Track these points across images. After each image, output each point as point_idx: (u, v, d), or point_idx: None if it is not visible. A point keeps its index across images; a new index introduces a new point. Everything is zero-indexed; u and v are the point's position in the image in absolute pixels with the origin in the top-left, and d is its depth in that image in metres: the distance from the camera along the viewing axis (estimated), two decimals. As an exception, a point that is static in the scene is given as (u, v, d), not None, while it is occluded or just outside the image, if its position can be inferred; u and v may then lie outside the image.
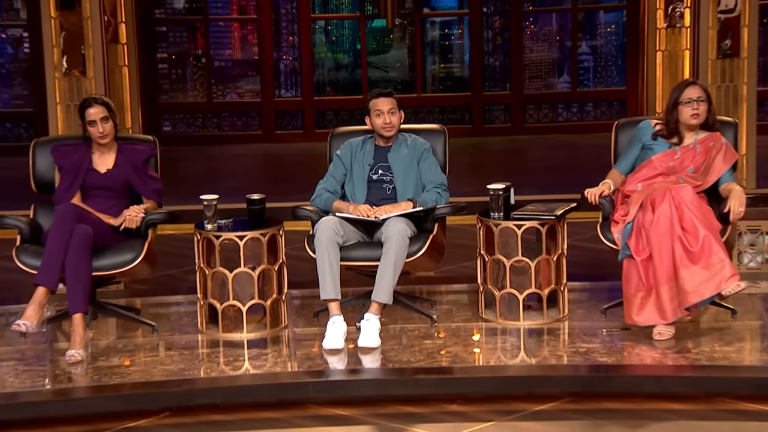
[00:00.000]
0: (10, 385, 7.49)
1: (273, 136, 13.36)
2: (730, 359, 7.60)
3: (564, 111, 13.70)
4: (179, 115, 13.47)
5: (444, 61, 14.01)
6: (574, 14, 13.87)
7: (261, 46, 13.80)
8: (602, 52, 14.01)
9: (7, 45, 14.19)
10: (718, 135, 8.21)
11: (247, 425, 7.19)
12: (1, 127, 13.31)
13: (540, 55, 14.07)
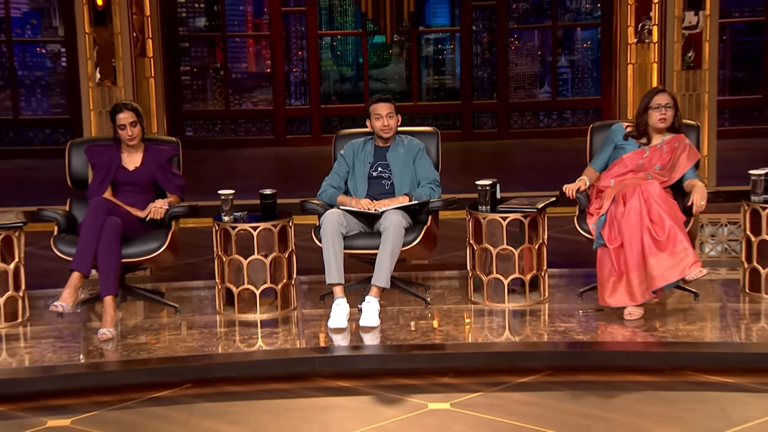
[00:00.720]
0: (49, 360, 7.55)
1: (284, 140, 13.36)
2: (692, 337, 7.63)
3: (545, 118, 13.70)
4: (200, 122, 13.47)
5: (437, 74, 14.00)
6: (554, 31, 13.86)
7: (273, 59, 13.78)
8: (579, 65, 14.00)
9: (46, 59, 14.19)
10: (682, 137, 8.24)
11: (260, 396, 7.20)
12: (41, 133, 13.30)
13: (523, 68, 14.06)
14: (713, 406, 6.79)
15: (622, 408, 6.83)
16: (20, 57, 14.01)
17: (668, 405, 6.87)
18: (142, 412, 6.97)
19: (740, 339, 7.64)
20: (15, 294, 8.12)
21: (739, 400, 6.85)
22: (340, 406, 7.09)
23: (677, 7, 11.18)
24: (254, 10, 14.06)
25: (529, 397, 7.01)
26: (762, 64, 13.68)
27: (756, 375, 7.15)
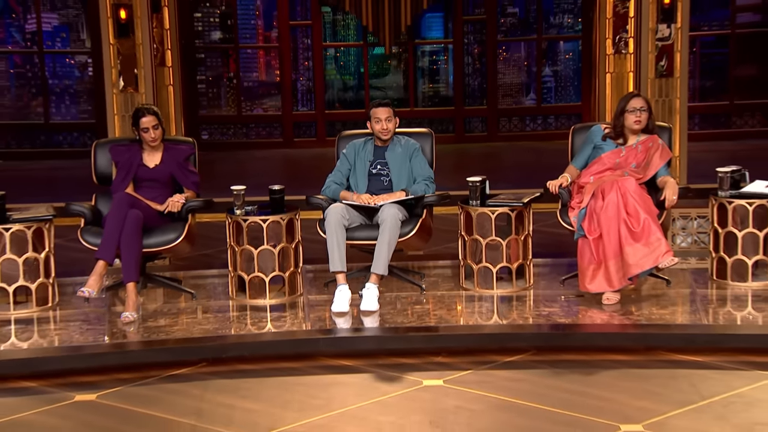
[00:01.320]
0: (76, 341, 7.59)
1: (291, 143, 13.36)
2: (665, 319, 7.63)
3: (531, 122, 13.70)
4: (215, 126, 13.48)
5: (432, 82, 14.00)
6: (539, 43, 13.85)
7: (282, 69, 13.78)
8: (562, 75, 14.00)
9: (74, 69, 14.21)
10: (656, 137, 8.26)
11: (269, 373, 7.21)
12: (69, 136, 13.33)
13: (511, 77, 14.06)
14: (684, 381, 6.80)
15: (600, 384, 6.83)
16: (51, 67, 14.02)
17: (642, 381, 6.88)
18: (161, 388, 6.98)
19: (708, 321, 7.65)
20: (45, 281, 8.13)
21: (707, 377, 6.86)
22: (342, 383, 7.09)
23: (651, 20, 11.18)
24: (264, 23, 14.05)
25: (516, 374, 7.02)
26: (728, 73, 13.67)
27: (722, 354, 7.16)
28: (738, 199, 8.10)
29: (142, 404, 6.75)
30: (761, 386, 6.71)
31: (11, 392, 7.00)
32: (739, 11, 13.79)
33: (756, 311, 7.74)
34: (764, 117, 13.31)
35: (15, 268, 8.04)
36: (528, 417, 6.42)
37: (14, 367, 7.25)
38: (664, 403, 6.48)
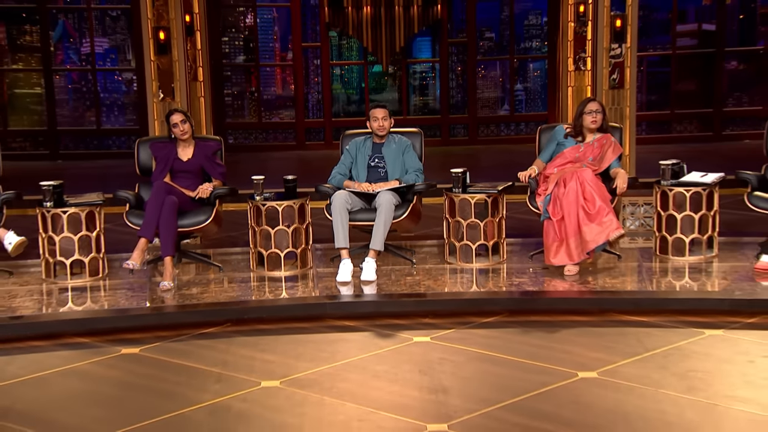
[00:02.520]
0: (122, 305, 7.61)
1: (303, 145, 13.36)
2: (616, 287, 7.66)
3: (505, 128, 13.70)
4: (239, 131, 13.49)
5: (422, 95, 14.01)
6: (511, 63, 13.85)
7: (295, 84, 13.78)
8: (531, 89, 14.01)
9: (122, 84, 14.23)
10: (609, 136, 8.28)
11: (283, 332, 7.22)
12: (118, 140, 13.38)
13: (488, 91, 14.09)
14: (631, 337, 6.81)
15: (562, 340, 6.84)
16: (102, 83, 14.02)
17: (597, 337, 6.89)
18: (193, 343, 7.00)
19: (652, 288, 7.70)
20: (97, 255, 8.15)
21: (650, 333, 6.87)
22: (345, 339, 7.10)
23: (605, 41, 11.20)
24: (281, 46, 14.07)
25: (491, 332, 7.04)
26: (670, 88, 13.69)
27: (664, 315, 7.19)
28: (677, 187, 8.13)
29: (177, 356, 6.77)
30: (695, 341, 6.74)
31: (69, 346, 7.05)
32: (679, 36, 13.81)
33: (692, 280, 7.75)
34: (700, 124, 13.34)
35: (71, 244, 8.06)
36: (501, 366, 6.43)
37: (72, 326, 7.29)
38: (614, 354, 6.50)
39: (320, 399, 6.05)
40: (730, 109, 13.49)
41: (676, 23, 13.78)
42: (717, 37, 13.56)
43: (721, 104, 13.43)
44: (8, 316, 7.34)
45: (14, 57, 13.94)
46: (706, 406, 5.77)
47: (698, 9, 13.87)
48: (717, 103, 13.42)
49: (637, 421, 5.63)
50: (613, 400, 5.88)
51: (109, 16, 14.10)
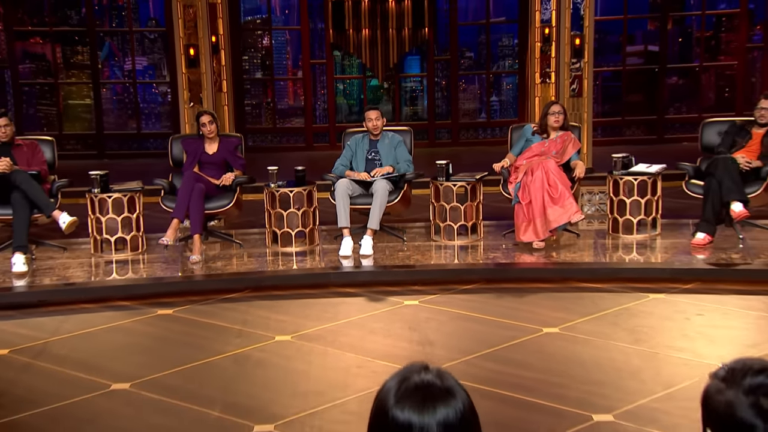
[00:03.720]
0: (158, 274, 7.69)
1: (311, 147, 13.33)
2: (575, 260, 7.67)
3: (482, 132, 13.67)
4: (257, 135, 13.45)
5: (412, 105, 13.96)
6: (488, 77, 13.85)
7: (305, 96, 13.74)
8: (504, 100, 14.00)
9: (158, 96, 14.19)
10: (569, 133, 8.28)
11: (294, 297, 7.24)
12: (155, 141, 13.34)
13: (468, 102, 14.04)
14: (587, 300, 6.84)
15: (529, 303, 6.87)
16: (141, 94, 14.01)
17: (559, 300, 6.92)
18: (218, 306, 7.02)
19: (605, 260, 7.71)
20: (137, 234, 8.13)
21: (604, 297, 6.90)
22: (346, 303, 7.13)
23: (566, 56, 11.21)
24: (293, 63, 14.03)
25: (470, 297, 7.05)
26: (621, 99, 13.73)
27: (615, 282, 7.20)
28: (627, 176, 8.13)
29: (204, 316, 6.80)
30: (641, 302, 6.77)
31: (114, 308, 7.08)
32: (628, 56, 13.83)
33: (638, 254, 7.75)
34: (646, 129, 13.35)
35: (115, 224, 8.05)
36: (478, 324, 6.46)
37: (116, 291, 7.32)
38: (573, 314, 6.52)
39: (324, 350, 6.08)
40: (671, 116, 13.51)
41: (626, 45, 13.76)
42: (660, 57, 13.56)
43: (663, 112, 13.45)
44: (63, 284, 7.36)
45: (68, 73, 13.93)
46: (649, 354, 5.81)
47: (645, 33, 13.91)
48: (660, 112, 13.43)
49: (592, 366, 5.66)
50: (572, 351, 5.92)
51: (148, 39, 14.08)
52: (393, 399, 1.58)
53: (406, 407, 1.56)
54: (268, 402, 5.28)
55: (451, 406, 1.57)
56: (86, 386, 5.51)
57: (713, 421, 1.45)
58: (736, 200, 7.59)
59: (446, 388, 1.59)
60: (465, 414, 1.58)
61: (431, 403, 1.56)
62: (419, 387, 1.59)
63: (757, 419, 1.40)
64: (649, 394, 5.16)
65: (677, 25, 13.95)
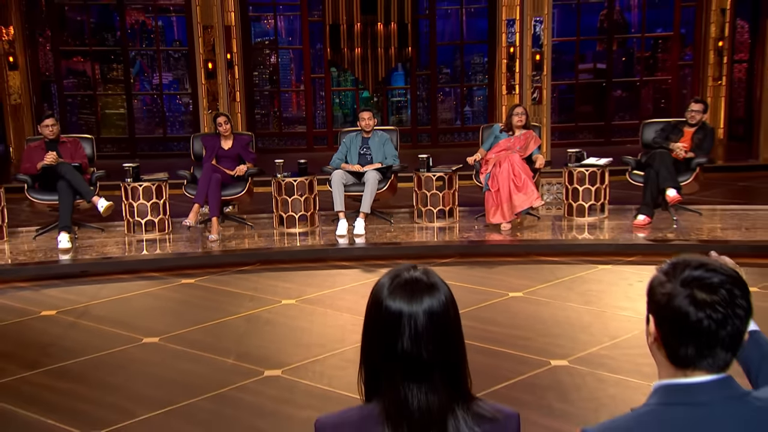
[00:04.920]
0: (182, 250, 7.63)
1: (312, 149, 13.25)
2: (536, 238, 7.67)
3: (457, 136, 13.63)
4: (266, 138, 13.35)
5: (398, 114, 13.90)
6: (462, 90, 13.84)
7: (306, 106, 13.70)
8: (476, 109, 13.98)
9: (181, 106, 14.10)
10: (531, 131, 8.26)
11: (298, 269, 7.23)
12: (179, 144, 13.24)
13: (446, 111, 14.01)
14: (547, 271, 6.85)
15: (498, 273, 6.87)
16: (167, 104, 13.94)
17: (522, 271, 6.92)
18: (233, 276, 7.00)
19: (562, 238, 7.70)
20: (163, 217, 8.08)
21: (561, 268, 6.91)
22: (342, 274, 7.12)
23: (528, 69, 11.25)
24: (296, 77, 13.96)
25: (447, 268, 7.04)
26: (574, 108, 13.74)
27: (569, 256, 7.22)
28: (579, 168, 8.15)
29: (221, 285, 6.79)
30: (591, 272, 6.79)
31: (145, 278, 7.06)
32: (580, 72, 13.84)
33: (589, 233, 7.77)
34: (595, 133, 13.36)
35: (145, 208, 8.02)
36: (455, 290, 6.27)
37: (146, 264, 7.30)
38: (535, 281, 6.54)
39: (324, 311, 6.08)
40: (616, 122, 13.51)
41: (578, 63, 13.79)
42: (607, 73, 13.59)
43: (609, 119, 13.47)
44: (101, 257, 7.34)
45: (105, 87, 13.86)
46: (597, 312, 5.84)
47: (594, 53, 13.95)
48: (607, 119, 13.47)
49: (550, 323, 5.68)
50: (534, 310, 5.94)
51: (172, 57, 14.03)
52: (386, 292, 1.59)
53: (397, 298, 1.57)
54: (275, 352, 5.29)
55: (435, 297, 1.58)
56: (122, 340, 5.51)
57: (656, 309, 1.46)
58: (671, 187, 7.63)
59: (431, 282, 1.61)
60: (447, 304, 1.59)
61: (418, 294, 1.58)
62: (408, 282, 1.60)
63: (690, 307, 1.41)
64: (597, 344, 5.19)
65: (621, 47, 13.97)
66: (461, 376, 1.59)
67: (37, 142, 8.12)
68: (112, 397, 4.65)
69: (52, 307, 6.23)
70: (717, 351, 1.42)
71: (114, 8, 13.52)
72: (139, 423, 4.30)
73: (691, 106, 8.14)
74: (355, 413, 1.57)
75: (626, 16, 13.91)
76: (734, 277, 1.43)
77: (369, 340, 1.61)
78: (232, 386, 4.72)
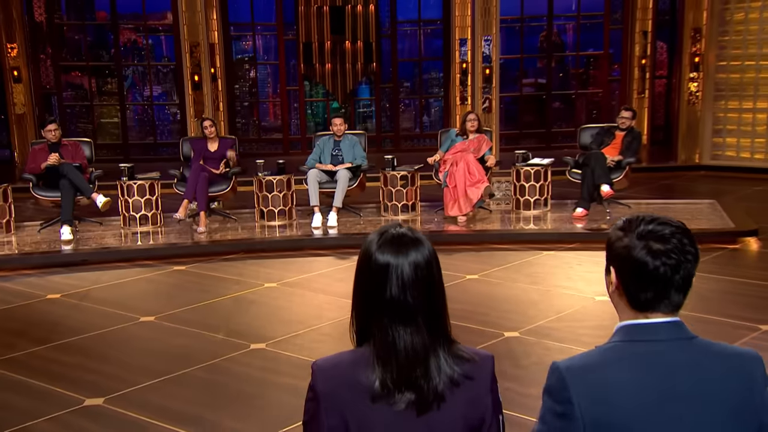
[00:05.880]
0: (173, 241, 7.48)
1: (288, 153, 13.13)
2: (489, 228, 7.70)
3: (417, 142, 13.65)
4: (246, 144, 13.20)
5: (365, 122, 13.89)
6: (421, 101, 13.86)
7: (282, 115, 13.63)
8: (433, 120, 14.01)
9: (169, 115, 13.92)
10: (483, 135, 8.29)
11: (278, 257, 7.15)
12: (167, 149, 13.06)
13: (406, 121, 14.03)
14: (498, 257, 6.86)
15: (456, 259, 6.84)
16: (157, 114, 13.76)
17: (477, 257, 6.92)
18: (220, 264, 6.91)
19: (511, 228, 7.71)
20: (155, 211, 7.97)
21: (510, 254, 6.92)
22: (318, 261, 7.04)
23: (479, 82, 11.30)
24: (272, 90, 13.86)
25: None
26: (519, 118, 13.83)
27: (518, 243, 7.23)
28: (525, 167, 8.20)
29: (209, 271, 6.71)
30: (537, 257, 6.82)
31: (140, 266, 6.92)
32: (523, 86, 13.94)
33: (534, 224, 7.83)
34: (538, 139, 13.47)
35: (139, 204, 7.91)
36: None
37: (141, 253, 7.17)
38: (488, 266, 6.55)
39: (303, 293, 6.05)
40: (555, 130, 13.65)
41: (522, 78, 13.89)
42: (546, 87, 13.73)
43: (549, 127, 13.61)
44: (101, 247, 7.23)
45: (101, 98, 13.65)
46: (544, 291, 5.88)
47: (535, 69, 14.08)
48: (547, 127, 13.60)
49: (503, 300, 5.71)
50: (488, 290, 5.96)
51: (161, 72, 13.86)
52: (375, 246, 1.59)
53: (385, 252, 1.57)
54: (260, 328, 5.25)
55: (419, 251, 1.59)
56: (121, 319, 5.43)
57: (616, 261, 1.48)
58: (605, 183, 7.73)
59: (415, 238, 1.61)
60: (429, 257, 1.60)
61: (404, 248, 1.58)
62: (395, 237, 1.60)
63: (648, 257, 1.44)
64: (544, 318, 5.23)
65: (558, 64, 14.10)
66: (442, 321, 1.59)
67: (41, 145, 7.97)
68: (113, 368, 4.58)
69: (56, 291, 6.12)
70: (672, 293, 1.45)
71: (109, 28, 13.33)
72: (139, 390, 4.24)
73: (621, 113, 8.26)
74: (348, 356, 1.57)
75: (563, 38, 14.07)
76: (682, 228, 1.46)
77: (360, 290, 1.60)
78: (222, 358, 4.68)
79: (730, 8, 11.11)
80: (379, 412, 1.50)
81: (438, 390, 1.50)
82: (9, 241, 7.54)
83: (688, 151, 11.48)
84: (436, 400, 1.50)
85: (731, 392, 1.40)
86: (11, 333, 5.21)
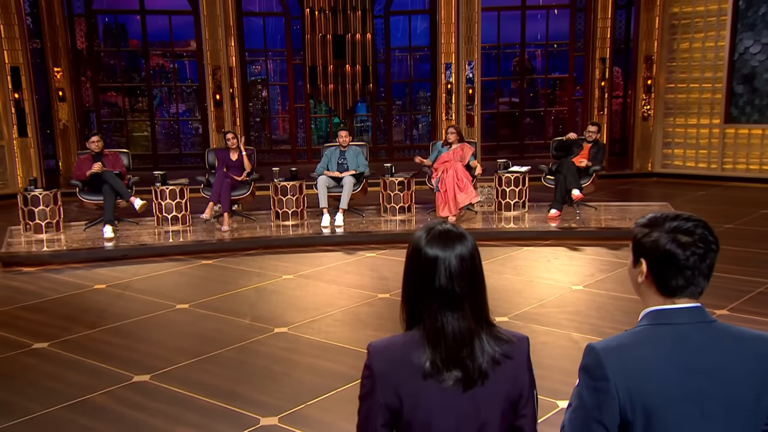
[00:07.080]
0: (201, 238, 7.38)
1: (296, 162, 13.06)
2: (475, 227, 7.64)
3: (407, 153, 13.59)
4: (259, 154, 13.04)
5: (362, 135, 13.84)
6: (411, 117, 13.82)
7: (290, 129, 13.56)
8: (421, 133, 13.97)
9: (192, 130, 13.82)
10: (465, 144, 8.21)
11: (293, 252, 7.09)
12: (192, 159, 12.96)
13: (399, 134, 13.98)
14: (484, 252, 6.63)
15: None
16: (182, 128, 13.65)
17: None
18: (242, 259, 6.86)
19: (494, 227, 7.64)
20: (185, 213, 7.90)
21: (494, 249, 6.86)
22: (328, 255, 6.98)
23: (463, 100, 11.26)
24: (282, 107, 13.79)
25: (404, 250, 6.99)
26: (497, 132, 13.81)
27: (501, 240, 7.19)
28: (506, 174, 8.17)
29: (233, 264, 6.64)
30: (518, 252, 6.80)
31: (172, 260, 6.85)
32: (500, 104, 13.93)
33: (514, 223, 7.80)
34: (512, 151, 13.44)
35: (171, 206, 7.83)
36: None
37: (173, 249, 7.11)
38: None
39: (316, 284, 5.99)
40: (527, 142, 13.65)
41: (498, 97, 13.88)
42: (519, 105, 13.72)
43: (522, 140, 13.60)
44: (138, 244, 7.14)
45: (133, 114, 13.52)
46: (526, 281, 5.85)
47: (510, 90, 14.06)
48: (520, 139, 13.59)
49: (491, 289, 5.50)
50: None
51: (185, 92, 13.75)
52: (424, 241, 1.55)
53: (433, 246, 1.53)
54: (281, 314, 5.19)
55: (464, 244, 1.54)
56: (159, 306, 5.36)
57: (647, 255, 1.44)
58: (575, 188, 7.72)
59: (460, 233, 1.57)
60: (473, 250, 1.56)
61: (451, 242, 1.54)
62: (442, 233, 1.56)
63: (678, 249, 1.41)
64: (528, 304, 5.20)
65: (529, 85, 14.09)
66: (484, 306, 1.55)
67: (85, 155, 7.88)
68: (156, 348, 4.52)
69: (102, 282, 6.04)
70: (699, 279, 1.42)
71: (140, 54, 13.21)
72: (179, 368, 4.18)
73: (588, 127, 8.27)
74: (400, 338, 1.53)
75: (533, 63, 14.06)
76: (702, 221, 1.43)
77: (410, 281, 1.56)
78: (249, 340, 4.62)
79: (677, 38, 11.17)
80: (430, 388, 1.46)
81: (482, 368, 1.46)
82: (59, 238, 7.44)
83: (642, 161, 11.52)
84: (481, 378, 1.46)
85: (750, 371, 1.38)
86: (66, 318, 5.14)
